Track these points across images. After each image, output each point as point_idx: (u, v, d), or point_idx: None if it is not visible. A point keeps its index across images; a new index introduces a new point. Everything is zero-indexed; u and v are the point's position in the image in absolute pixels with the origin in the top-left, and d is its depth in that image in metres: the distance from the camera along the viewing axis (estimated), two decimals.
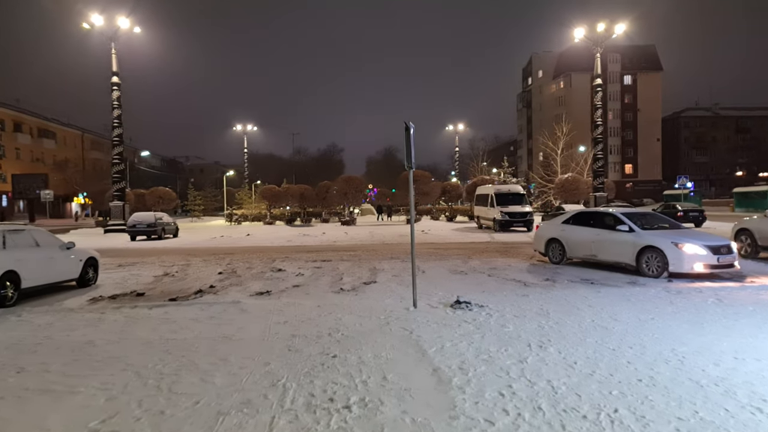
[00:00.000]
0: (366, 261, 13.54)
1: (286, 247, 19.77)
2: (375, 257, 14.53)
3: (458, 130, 67.63)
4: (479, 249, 16.86)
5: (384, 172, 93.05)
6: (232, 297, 8.64)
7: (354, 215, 38.32)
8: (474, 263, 12.61)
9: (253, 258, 14.93)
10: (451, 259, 13.50)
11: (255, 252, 17.29)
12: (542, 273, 10.82)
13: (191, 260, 14.63)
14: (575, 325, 6.18)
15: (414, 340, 5.68)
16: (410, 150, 7.25)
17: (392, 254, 15.33)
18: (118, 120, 29.70)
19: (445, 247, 18.00)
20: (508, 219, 24.94)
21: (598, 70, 31.42)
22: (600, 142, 31.97)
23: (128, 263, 14.13)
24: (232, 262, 13.80)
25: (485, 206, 27.23)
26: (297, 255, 15.69)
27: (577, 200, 35.77)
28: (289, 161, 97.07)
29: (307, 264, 13.11)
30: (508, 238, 22.00)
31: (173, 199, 38.64)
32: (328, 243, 21.09)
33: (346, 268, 12.11)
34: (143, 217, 24.54)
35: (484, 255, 14.67)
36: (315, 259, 14.11)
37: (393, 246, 18.90)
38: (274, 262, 13.75)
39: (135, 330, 6.40)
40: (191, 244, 22.21)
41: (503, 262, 12.87)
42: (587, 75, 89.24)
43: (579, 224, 11.65)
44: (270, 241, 22.51)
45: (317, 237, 24.42)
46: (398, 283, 9.75)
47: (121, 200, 29.60)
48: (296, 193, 37.90)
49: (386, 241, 21.57)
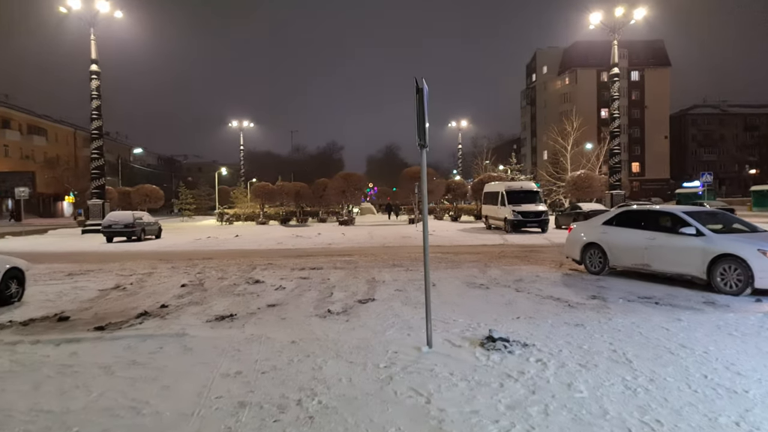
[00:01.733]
0: (363, 269, 11.34)
1: (275, 250, 17.59)
2: (374, 264, 12.33)
3: (461, 127, 65.44)
4: (494, 254, 14.64)
5: (385, 171, 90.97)
6: (182, 324, 6.43)
7: (353, 215, 36.11)
8: (494, 273, 10.40)
9: (232, 265, 12.73)
10: (464, 267, 11.29)
11: (237, 256, 15.10)
12: (583, 287, 8.60)
13: (158, 267, 12.43)
14: (684, 386, 3.97)
15: (434, 419, 3.49)
16: (423, 119, 5.07)
17: (394, 260, 13.13)
18: (98, 111, 27.52)
19: (454, 251, 15.78)
20: (521, 219, 22.71)
21: (615, 58, 29.22)
22: (617, 135, 29.82)
23: (82, 271, 11.94)
24: (205, 270, 11.59)
25: (495, 205, 25.01)
26: (284, 261, 13.48)
27: (590, 198, 33.54)
28: (288, 159, 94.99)
29: (293, 273, 10.90)
30: (522, 239, 19.80)
31: (160, 198, 36.40)
32: (322, 246, 18.89)
33: (338, 279, 9.91)
34: (120, 217, 22.34)
35: (503, 261, 12.45)
36: (303, 267, 11.89)
37: (395, 250, 16.70)
38: (254, 270, 11.55)
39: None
40: (171, 246, 20.02)
41: (528, 271, 10.66)
42: (593, 70, 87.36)
43: (626, 226, 9.42)
44: (258, 244, 20.32)
45: (311, 239, 22.21)
46: (403, 302, 7.56)
47: (101, 198, 27.41)
48: (291, 191, 35.67)
49: (387, 243, 19.37)
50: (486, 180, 32.80)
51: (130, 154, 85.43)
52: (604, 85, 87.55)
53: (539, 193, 24.57)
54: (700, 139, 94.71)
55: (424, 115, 5.07)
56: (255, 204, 37.33)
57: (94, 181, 27.62)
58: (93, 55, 27.40)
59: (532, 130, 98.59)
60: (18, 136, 62.80)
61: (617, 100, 29.50)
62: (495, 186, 26.53)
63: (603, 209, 24.54)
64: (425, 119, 5.07)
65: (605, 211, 24.59)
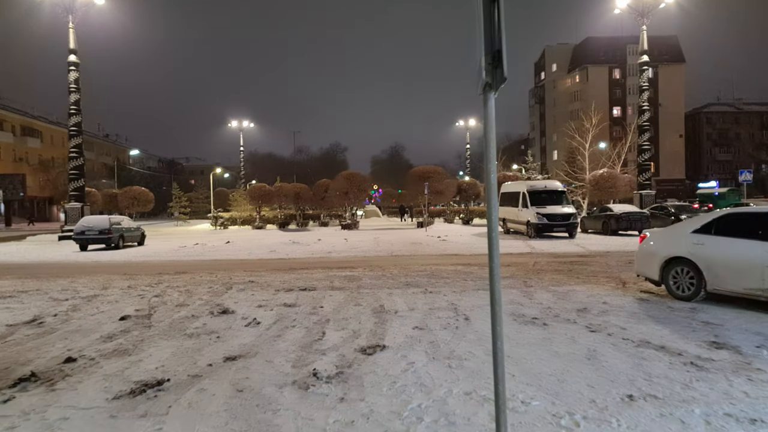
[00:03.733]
0: (368, 290, 8.77)
1: (265, 261, 15.07)
2: (382, 282, 9.77)
3: (469, 126, 62.86)
4: (527, 266, 12.06)
5: (390, 172, 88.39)
6: (69, 404, 3.90)
7: (356, 218, 33.55)
8: (542, 297, 7.82)
9: (204, 282, 10.19)
10: None
11: (218, 269, 12.59)
12: (684, 324, 6.01)
13: (112, 286, 9.90)
14: None
15: None
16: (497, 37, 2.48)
17: (406, 275, 10.56)
18: (76, 106, 25.11)
19: (477, 261, 13.19)
20: (547, 222, 20.07)
21: (644, 45, 26.61)
22: (647, 130, 27.19)
23: (15, 291, 9.42)
24: (166, 292, 9.06)
25: (515, 207, 22.39)
26: (270, 277, 10.93)
27: (613, 199, 30.86)
28: (290, 161, 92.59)
29: (276, 297, 8.35)
30: (551, 246, 17.20)
31: (150, 201, 33.93)
32: (320, 255, 16.35)
33: (335, 307, 7.35)
34: (94, 222, 19.83)
35: (544, 278, 9.86)
36: (292, 287, 9.32)
37: (405, 260, 14.14)
38: (229, 291, 9.00)
39: None
40: (149, 256, 17.53)
41: (586, 293, 8.07)
42: (605, 67, 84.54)
43: (733, 234, 6.79)
44: (248, 252, 17.80)
45: (309, 246, 19.66)
46: (429, 353, 5.02)
47: (80, 201, 24.98)
48: (290, 193, 33.10)
49: (396, 251, 16.80)
50: (502, 180, 30.14)
51: (130, 157, 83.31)
52: (616, 82, 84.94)
53: (565, 193, 21.92)
54: (715, 138, 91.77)
55: (498, 32, 2.48)
56: (251, 207, 34.80)
57: (72, 183, 25.17)
58: (71, 44, 25.02)
59: (541, 130, 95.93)
60: (11, 137, 60.79)
61: (646, 92, 26.88)
62: (514, 186, 23.90)
63: (638, 211, 21.92)
64: (501, 37, 2.47)
65: (641, 213, 22.01)
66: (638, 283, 8.81)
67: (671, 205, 23.69)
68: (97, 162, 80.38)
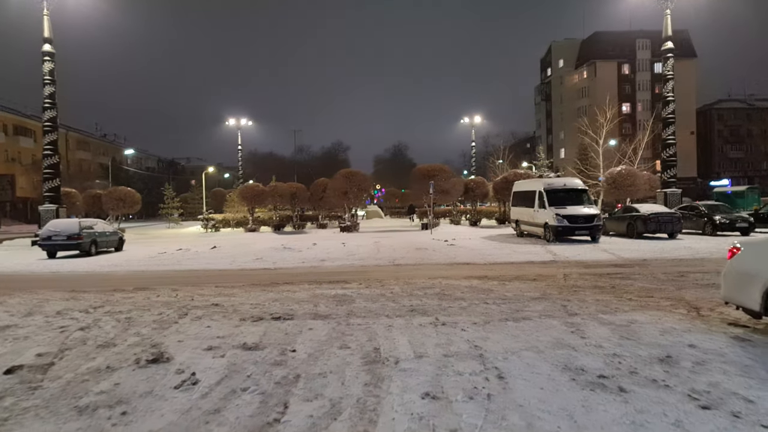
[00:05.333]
0: (360, 320, 6.68)
1: (246, 272, 13.03)
2: (379, 305, 7.68)
3: (474, 124, 60.63)
4: (556, 280, 9.97)
5: (393, 171, 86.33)
6: None
7: (356, 219, 31.46)
8: (597, 332, 5.70)
9: (158, 304, 8.13)
10: (534, 318, 6.59)
11: (187, 283, 10.54)
12: None
13: (40, 310, 7.84)
14: None
15: None
16: None
17: (411, 295, 8.47)
18: (51, 100, 23.15)
19: (495, 274, 11.09)
20: (567, 225, 17.94)
21: (668, 31, 24.50)
22: (671, 122, 25.08)
23: None
24: (99, 322, 6.98)
25: (529, 207, 20.27)
26: (243, 296, 8.86)
27: (634, 198, 28.68)
28: (291, 160, 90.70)
29: (238, 331, 6.27)
30: (574, 252, 15.09)
31: (137, 202, 31.91)
32: (311, 264, 14.28)
33: (310, 353, 5.26)
34: (62, 226, 17.81)
35: (587, 299, 7.74)
36: (263, 314, 7.24)
37: (409, 271, 12.06)
38: (181, 320, 6.94)
39: None
40: (119, 265, 15.52)
41: (655, 326, 5.95)
42: (614, 63, 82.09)
43: None
44: (232, 259, 15.74)
45: (301, 252, 17.60)
46: None
47: (56, 202, 22.98)
48: (286, 193, 31.03)
49: (398, 259, 14.71)
50: (512, 178, 28.03)
51: (127, 158, 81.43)
52: (625, 78, 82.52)
53: (586, 191, 19.75)
54: (727, 135, 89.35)
55: None
56: (245, 208, 32.73)
57: (46, 183, 23.19)
58: (46, 33, 23.07)
59: (547, 128, 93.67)
60: (3, 137, 59.13)
61: (671, 81, 24.78)
62: (528, 184, 21.77)
63: (668, 212, 19.75)
64: None
65: (671, 213, 19.83)
66: (717, 308, 6.72)
67: (703, 205, 21.47)
68: (93, 162, 78.58)
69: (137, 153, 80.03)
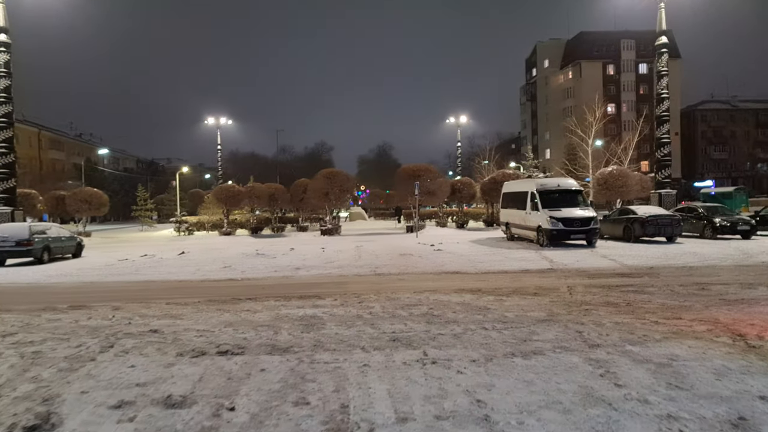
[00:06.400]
0: (328, 355, 5.29)
1: (208, 284, 11.57)
2: (354, 332, 6.29)
3: (460, 123, 59.49)
4: (561, 294, 8.70)
5: (377, 172, 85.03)
6: None
7: (338, 222, 30.01)
8: (632, 376, 4.40)
9: (84, 330, 6.67)
10: (547, 349, 5.27)
11: (135, 298, 9.07)
12: None
13: None
14: None
15: None
16: None
17: (393, 317, 7.11)
18: (6, 93, 21.46)
19: (490, 285, 9.79)
20: (563, 228, 16.74)
21: (663, 25, 23.52)
22: (666, 121, 24.09)
23: None
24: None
25: (521, 209, 19.06)
26: (193, 317, 7.42)
27: (625, 200, 27.71)
28: (273, 161, 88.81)
29: (168, 373, 4.82)
30: (572, 258, 13.88)
31: (104, 203, 30.07)
32: (284, 273, 12.85)
33: (255, 412, 3.85)
34: (10, 231, 16.11)
35: (604, 322, 6.45)
36: (208, 345, 5.80)
37: (392, 284, 10.71)
38: (102, 355, 5.48)
39: None
40: (69, 275, 13.94)
41: (702, 365, 4.67)
42: (599, 63, 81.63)
43: None
44: (197, 268, 14.24)
45: (275, 258, 16.15)
46: None
47: (11, 205, 21.19)
48: (264, 194, 29.46)
49: (380, 267, 13.34)
50: (501, 178, 26.83)
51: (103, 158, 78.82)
52: (610, 78, 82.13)
53: (581, 192, 18.59)
54: (710, 136, 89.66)
55: None
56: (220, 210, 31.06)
57: (1, 183, 21.35)
58: (1, 22, 21.26)
59: (532, 128, 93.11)
60: None
61: (665, 77, 23.78)
62: (519, 185, 20.56)
63: (667, 214, 18.67)
64: None
65: (671, 216, 18.75)
66: (764, 334, 5.49)
67: (702, 206, 20.45)
68: (67, 162, 75.87)
69: (112, 153, 77.51)
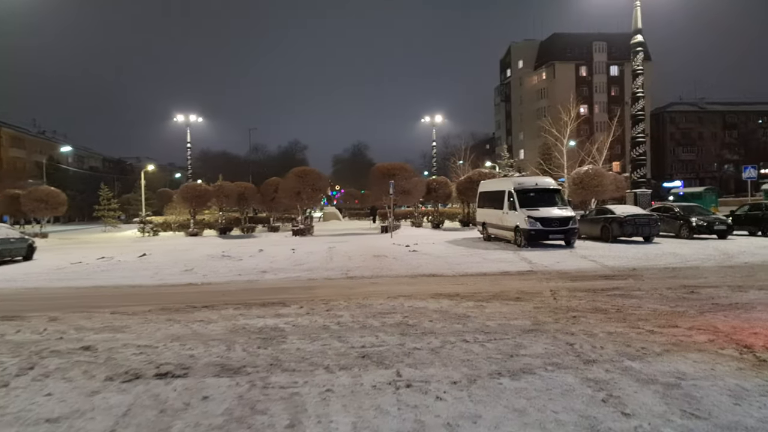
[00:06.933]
0: (286, 378, 4.54)
1: (165, 288, 10.64)
2: (318, 347, 5.55)
3: (435, 123, 59.05)
4: (544, 298, 8.12)
5: (352, 172, 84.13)
6: None
7: (310, 222, 29.13)
8: (639, 401, 3.77)
9: (12, 344, 5.77)
10: (526, 354, 4.63)
11: (82, 306, 8.14)
12: None
13: None
14: None
15: None
16: None
17: (364, 327, 6.40)
18: None
19: (468, 290, 9.15)
20: (541, 228, 16.28)
21: (639, 24, 23.41)
22: (642, 119, 23.95)
23: None
24: None
25: (497, 209, 18.57)
26: (137, 329, 6.56)
27: (600, 199, 27.58)
28: (246, 160, 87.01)
29: (88, 406, 4.01)
30: (551, 259, 13.38)
31: (62, 203, 28.56)
32: (249, 277, 11.99)
33: None
34: None
35: (595, 331, 5.85)
36: (144, 367, 4.97)
37: (364, 288, 9.99)
38: (22, 377, 4.61)
39: None
40: (16, 278, 12.81)
41: (715, 386, 4.09)
42: (572, 64, 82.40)
43: None
44: (156, 271, 13.26)
45: (242, 261, 15.24)
46: None
47: None
48: (233, 193, 28.39)
49: (352, 269, 12.59)
50: (477, 178, 26.37)
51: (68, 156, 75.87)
52: (582, 80, 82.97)
53: (560, 191, 18.18)
54: (679, 137, 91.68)
55: None
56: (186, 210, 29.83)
57: None
58: None
59: (507, 129, 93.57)
60: None
61: (641, 76, 23.65)
62: (496, 184, 20.08)
63: (645, 213, 18.43)
64: None
65: (648, 215, 18.49)
66: None
67: (678, 206, 20.28)
68: (29, 160, 72.80)
69: (76, 151, 74.72)
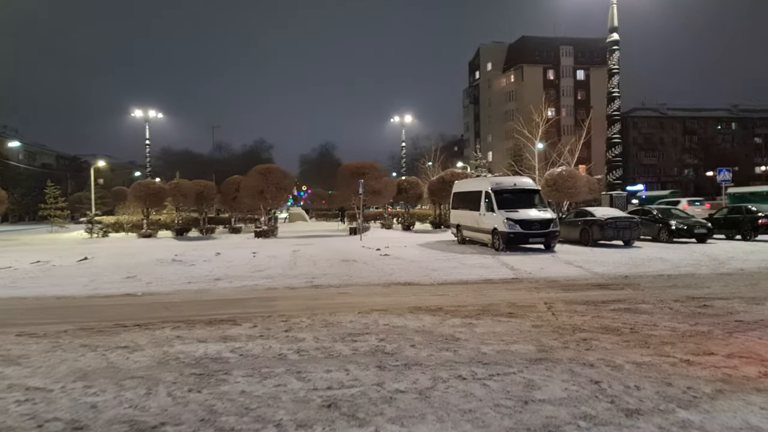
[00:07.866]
0: None
1: (95, 300, 9.07)
2: (270, 388, 4.24)
3: (404, 123, 57.97)
4: (539, 312, 7.01)
5: (320, 172, 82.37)
6: None
7: (274, 223, 27.55)
8: None
9: None
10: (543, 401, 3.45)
11: None
12: None
13: None
14: None
15: None
16: None
17: (329, 355, 5.12)
18: None
19: (451, 303, 7.96)
20: (520, 231, 15.29)
21: (615, 22, 22.82)
22: (617, 120, 23.37)
23: None
24: None
25: (473, 210, 17.54)
26: (36, 359, 5.08)
27: (574, 201, 27.05)
28: (209, 158, 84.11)
29: None
30: (534, 264, 12.37)
31: (2, 201, 26.18)
32: (199, 286, 10.50)
33: None
34: None
35: (614, 355, 4.73)
36: (21, 427, 3.59)
37: (331, 300, 8.68)
38: None
39: None
40: None
41: None
42: (540, 68, 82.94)
43: None
44: (93, 277, 11.59)
45: (194, 266, 13.66)
46: None
47: None
48: (190, 192, 26.57)
49: (318, 277, 11.25)
50: (450, 178, 25.37)
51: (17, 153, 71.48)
52: (550, 83, 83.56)
53: (539, 192, 17.29)
54: (641, 142, 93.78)
55: None
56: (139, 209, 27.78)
57: None
58: None
59: (475, 131, 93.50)
60: None
61: (617, 75, 23.05)
62: (471, 184, 19.06)
63: (626, 216, 17.72)
64: None
65: (630, 218, 17.78)
66: None
67: (656, 208, 19.71)
68: None
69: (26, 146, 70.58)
